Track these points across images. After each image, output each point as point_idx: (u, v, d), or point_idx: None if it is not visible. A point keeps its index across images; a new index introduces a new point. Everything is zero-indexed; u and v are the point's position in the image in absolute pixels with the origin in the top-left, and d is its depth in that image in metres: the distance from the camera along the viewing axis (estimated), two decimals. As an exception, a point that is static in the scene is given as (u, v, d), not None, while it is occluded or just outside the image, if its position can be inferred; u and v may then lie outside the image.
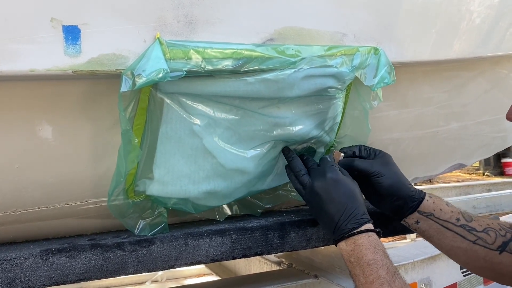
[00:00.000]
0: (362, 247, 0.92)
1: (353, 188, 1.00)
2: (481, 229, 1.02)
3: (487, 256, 1.00)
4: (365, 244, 0.92)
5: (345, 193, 0.98)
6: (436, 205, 1.07)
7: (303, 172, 1.04)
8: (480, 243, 1.01)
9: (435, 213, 1.06)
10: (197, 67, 0.84)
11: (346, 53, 1.00)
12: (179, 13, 0.83)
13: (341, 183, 0.99)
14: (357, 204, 0.97)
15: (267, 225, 1.09)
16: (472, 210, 2.49)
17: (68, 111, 0.88)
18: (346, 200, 0.97)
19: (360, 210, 0.97)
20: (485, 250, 1.00)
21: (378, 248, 0.92)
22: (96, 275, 0.93)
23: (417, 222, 1.06)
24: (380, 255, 0.90)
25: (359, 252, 0.91)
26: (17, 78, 0.78)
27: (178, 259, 0.99)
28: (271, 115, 1.00)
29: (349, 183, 1.01)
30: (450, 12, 1.15)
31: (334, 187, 0.99)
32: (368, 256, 0.90)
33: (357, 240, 0.93)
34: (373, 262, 0.89)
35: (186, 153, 0.96)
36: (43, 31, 0.74)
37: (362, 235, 0.93)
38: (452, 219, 1.05)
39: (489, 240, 1.01)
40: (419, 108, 1.34)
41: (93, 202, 1.01)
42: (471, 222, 1.04)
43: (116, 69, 0.80)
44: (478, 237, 1.01)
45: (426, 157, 1.55)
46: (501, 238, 1.00)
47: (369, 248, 0.91)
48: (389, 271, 0.88)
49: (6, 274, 0.86)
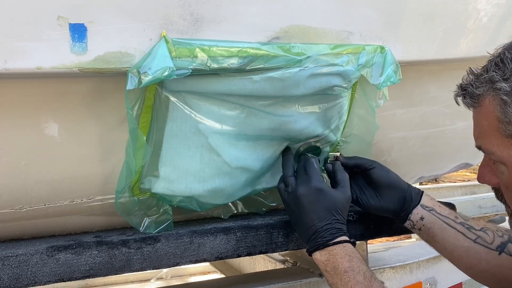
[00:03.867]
0: (338, 256, 0.92)
1: (337, 200, 0.99)
2: (479, 228, 1.03)
3: (488, 257, 1.00)
4: (340, 253, 0.92)
5: (326, 204, 0.97)
6: (433, 201, 1.08)
7: (290, 173, 1.03)
8: (480, 242, 1.01)
9: (436, 208, 1.06)
10: (202, 65, 0.84)
11: (352, 52, 1.00)
12: (185, 11, 0.83)
13: (323, 194, 0.98)
14: (335, 217, 0.97)
15: (272, 223, 1.09)
16: (478, 210, 2.48)
17: (74, 109, 0.88)
18: (325, 212, 0.96)
19: (337, 224, 0.96)
20: (485, 250, 1.00)
21: (353, 256, 0.92)
22: (101, 272, 0.93)
23: (422, 218, 1.06)
24: (356, 261, 0.91)
25: (335, 261, 0.92)
26: (24, 75, 0.78)
27: (183, 257, 1.00)
28: (276, 113, 1.00)
29: (332, 195, 0.99)
30: (456, 10, 1.15)
31: (316, 197, 0.98)
32: (344, 264, 0.91)
33: (332, 250, 0.93)
34: (349, 269, 0.90)
35: (191, 151, 0.96)
36: (49, 29, 0.74)
37: (337, 246, 0.93)
38: (451, 216, 1.05)
39: (488, 239, 1.01)
40: (425, 107, 1.34)
41: (99, 200, 1.01)
42: (469, 221, 1.05)
43: (122, 67, 0.80)
44: (477, 236, 1.01)
45: (431, 156, 1.55)
46: (499, 239, 1.01)
47: (344, 256, 0.92)
48: (366, 276, 0.89)
49: (12, 270, 0.87)
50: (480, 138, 0.81)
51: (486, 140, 0.79)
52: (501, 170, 0.80)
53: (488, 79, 0.76)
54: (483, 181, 0.86)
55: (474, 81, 0.79)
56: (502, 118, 0.75)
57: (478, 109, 0.80)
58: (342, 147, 1.19)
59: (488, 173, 0.85)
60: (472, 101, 0.80)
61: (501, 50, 0.78)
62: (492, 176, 0.84)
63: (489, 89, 0.76)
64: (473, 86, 0.79)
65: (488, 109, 0.77)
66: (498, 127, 0.76)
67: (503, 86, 0.74)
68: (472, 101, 0.80)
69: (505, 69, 0.74)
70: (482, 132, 0.80)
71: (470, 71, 0.82)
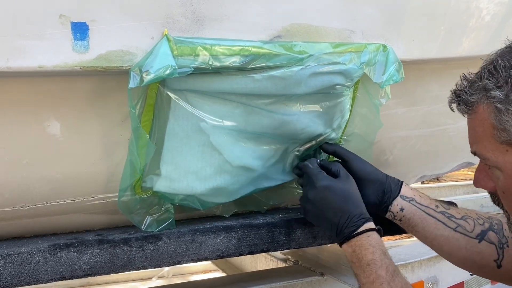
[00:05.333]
0: (362, 248, 0.93)
1: (346, 189, 1.00)
2: (460, 217, 1.04)
3: (468, 245, 1.01)
4: (364, 245, 0.93)
5: (339, 198, 0.98)
6: (414, 191, 1.08)
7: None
8: (460, 231, 1.02)
9: (416, 199, 1.07)
10: (204, 64, 0.84)
11: (354, 50, 1.00)
12: (186, 10, 0.83)
13: (333, 189, 0.99)
14: (353, 205, 0.98)
15: (273, 222, 1.10)
16: (480, 209, 2.48)
17: (76, 107, 0.88)
18: (341, 204, 0.98)
19: (357, 211, 0.97)
20: (465, 238, 1.02)
21: (377, 247, 0.93)
22: (103, 270, 0.94)
23: (402, 209, 1.06)
24: (379, 254, 0.91)
25: (359, 253, 0.93)
26: (26, 74, 0.78)
27: (185, 255, 1.00)
28: (278, 112, 1.00)
29: (341, 185, 1.01)
30: (459, 9, 1.15)
31: (327, 195, 0.99)
32: (367, 257, 0.91)
33: (356, 242, 0.94)
34: (372, 262, 0.90)
35: (193, 149, 0.96)
36: (51, 27, 0.74)
37: (361, 236, 0.94)
38: (432, 205, 1.06)
39: (468, 227, 1.02)
40: (427, 106, 1.34)
41: (101, 198, 1.01)
42: (450, 210, 1.06)
43: (124, 65, 0.80)
44: (458, 224, 1.03)
45: (433, 155, 1.54)
46: (480, 227, 1.02)
47: (368, 248, 0.93)
48: (389, 270, 0.89)
49: (15, 269, 0.87)
50: (475, 144, 0.82)
51: (481, 146, 0.80)
52: (496, 175, 0.81)
53: (482, 87, 0.77)
54: (479, 185, 0.87)
55: (468, 88, 0.80)
56: (496, 125, 0.75)
57: (472, 116, 0.81)
58: (343, 146, 1.18)
59: (484, 178, 0.85)
60: (467, 108, 0.80)
61: (494, 56, 0.78)
62: (488, 181, 0.84)
63: (483, 97, 0.77)
64: (467, 93, 0.80)
65: (483, 116, 0.78)
66: (493, 134, 0.77)
67: (497, 94, 0.74)
68: (466, 108, 0.80)
69: (499, 76, 0.75)
70: (477, 138, 0.81)
71: (464, 77, 0.82)
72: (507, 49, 0.78)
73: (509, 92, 0.73)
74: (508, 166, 0.77)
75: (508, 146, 0.76)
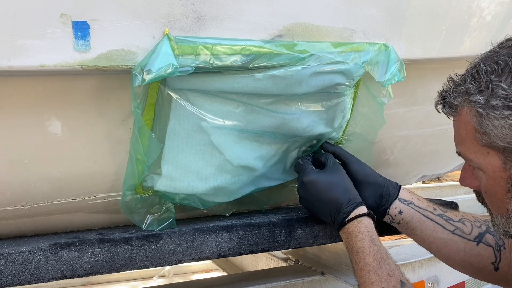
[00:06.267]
0: (352, 235, 0.96)
1: (331, 178, 1.02)
2: (457, 219, 1.05)
3: (466, 247, 1.02)
4: (354, 231, 0.96)
5: (324, 189, 1.01)
6: (412, 194, 1.09)
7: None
8: (458, 233, 1.03)
9: (414, 201, 1.07)
10: (205, 63, 0.84)
11: (355, 50, 0.99)
12: (187, 9, 0.83)
13: (317, 182, 1.02)
14: (340, 193, 1.00)
15: (274, 221, 1.09)
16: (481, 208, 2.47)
17: (77, 107, 0.88)
18: (328, 195, 1.00)
19: (345, 198, 0.99)
20: (464, 241, 1.03)
21: (366, 234, 0.94)
22: (104, 270, 0.94)
23: (400, 212, 1.07)
24: (367, 241, 0.93)
25: (351, 240, 0.95)
26: (27, 73, 0.78)
27: (186, 254, 1.00)
28: (279, 111, 1.00)
29: (326, 175, 1.03)
30: (460, 8, 1.14)
31: (313, 188, 1.02)
32: (357, 244, 0.94)
33: (348, 229, 0.97)
34: (360, 250, 0.92)
35: (194, 149, 0.96)
36: (52, 26, 0.74)
37: (352, 223, 0.97)
38: (430, 208, 1.07)
39: (466, 230, 1.03)
40: (428, 105, 1.33)
41: (102, 197, 1.01)
42: (447, 212, 1.07)
43: (125, 64, 0.80)
44: (456, 227, 1.04)
45: (435, 155, 1.54)
46: (477, 229, 1.03)
47: (358, 235, 0.95)
48: (376, 257, 0.91)
49: (16, 268, 0.87)
50: (459, 145, 0.84)
51: (464, 147, 0.82)
52: (479, 176, 0.83)
53: (464, 91, 0.79)
54: (465, 184, 0.89)
55: (452, 91, 0.82)
56: (478, 129, 0.77)
57: (456, 118, 0.83)
58: (344, 146, 1.18)
59: (469, 177, 0.87)
60: (451, 110, 0.83)
61: (477, 60, 0.80)
62: (473, 180, 0.86)
63: (465, 100, 0.79)
64: (451, 96, 0.82)
65: (466, 119, 0.80)
66: (475, 136, 0.79)
67: (477, 99, 0.76)
68: (450, 110, 0.83)
69: (481, 81, 0.76)
70: (461, 140, 0.83)
71: (450, 79, 0.84)
72: (490, 53, 0.79)
73: (489, 97, 0.74)
74: (489, 168, 0.79)
75: (489, 148, 0.77)
